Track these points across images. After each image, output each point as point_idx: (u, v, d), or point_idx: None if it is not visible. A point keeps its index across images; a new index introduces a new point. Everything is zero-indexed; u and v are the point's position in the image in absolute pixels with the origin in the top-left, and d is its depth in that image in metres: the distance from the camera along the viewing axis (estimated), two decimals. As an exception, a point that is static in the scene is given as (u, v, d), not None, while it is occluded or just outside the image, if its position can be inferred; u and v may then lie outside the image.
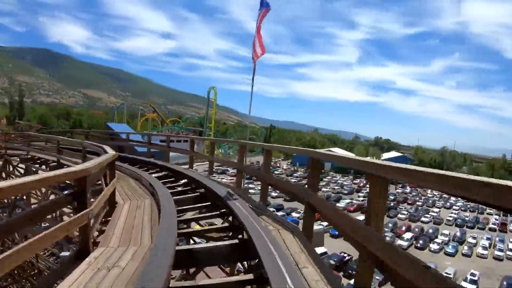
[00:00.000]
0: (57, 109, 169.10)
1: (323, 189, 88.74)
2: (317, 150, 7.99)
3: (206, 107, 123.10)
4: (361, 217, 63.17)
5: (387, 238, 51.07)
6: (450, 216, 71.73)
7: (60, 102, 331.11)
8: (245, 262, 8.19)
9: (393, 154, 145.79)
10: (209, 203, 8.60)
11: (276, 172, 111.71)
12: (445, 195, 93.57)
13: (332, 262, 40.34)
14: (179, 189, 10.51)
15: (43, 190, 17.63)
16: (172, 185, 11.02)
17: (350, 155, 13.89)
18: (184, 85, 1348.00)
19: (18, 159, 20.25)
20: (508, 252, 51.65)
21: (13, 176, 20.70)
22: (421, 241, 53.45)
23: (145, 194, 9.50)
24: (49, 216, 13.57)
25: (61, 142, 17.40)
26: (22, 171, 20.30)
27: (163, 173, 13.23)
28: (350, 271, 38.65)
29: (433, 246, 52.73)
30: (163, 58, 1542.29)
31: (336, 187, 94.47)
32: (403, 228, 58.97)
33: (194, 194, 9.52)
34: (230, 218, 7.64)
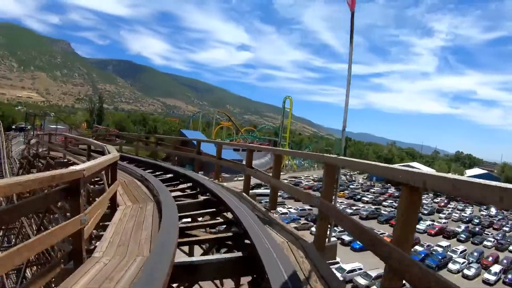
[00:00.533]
0: (134, 115, 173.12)
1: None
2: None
3: (281, 117, 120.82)
4: (444, 242, 55.82)
5: (473, 270, 44.97)
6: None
7: (140, 110, 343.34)
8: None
9: (477, 171, 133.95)
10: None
11: (351, 186, 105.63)
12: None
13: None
14: (212, 234, 6.49)
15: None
16: (199, 222, 7.55)
17: (431, 171, 8.67)
18: (260, 95, 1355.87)
19: (54, 162, 18.44)
20: None
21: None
22: (510, 276, 44.31)
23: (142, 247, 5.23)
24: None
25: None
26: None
27: (202, 198, 9.10)
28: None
29: (525, 283, 43.43)
30: (239, 69, 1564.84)
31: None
32: (490, 258, 49.93)
33: (230, 257, 4.94)
34: None
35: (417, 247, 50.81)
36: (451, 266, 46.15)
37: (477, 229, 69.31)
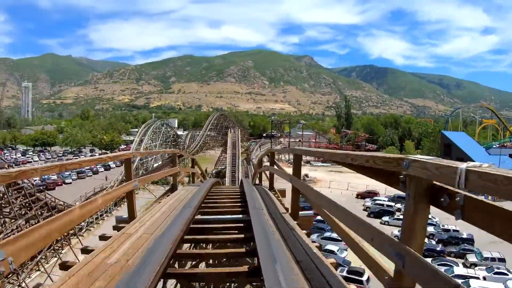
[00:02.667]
0: (383, 117, 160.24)
1: None
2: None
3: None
4: None
5: None
6: None
7: (389, 113, 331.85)
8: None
9: None
10: None
11: None
12: None
13: None
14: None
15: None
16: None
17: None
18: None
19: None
20: None
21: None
22: None
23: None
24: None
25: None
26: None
27: None
28: None
29: None
30: (487, 56, 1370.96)
31: None
32: None
33: None
34: None
35: None
36: None
37: None
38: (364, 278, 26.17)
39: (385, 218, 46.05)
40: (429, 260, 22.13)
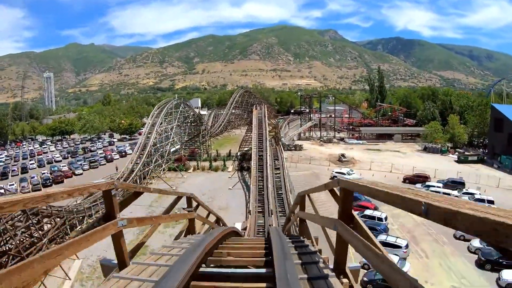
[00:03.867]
0: (419, 90, 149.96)
1: None
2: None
3: None
4: None
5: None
6: None
7: (417, 86, 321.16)
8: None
9: None
10: None
11: None
12: None
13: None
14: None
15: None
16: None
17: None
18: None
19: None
20: None
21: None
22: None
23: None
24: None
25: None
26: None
27: None
28: None
29: None
30: None
31: None
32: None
33: None
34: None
35: None
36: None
37: None
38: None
39: (443, 213, 37.76)
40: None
